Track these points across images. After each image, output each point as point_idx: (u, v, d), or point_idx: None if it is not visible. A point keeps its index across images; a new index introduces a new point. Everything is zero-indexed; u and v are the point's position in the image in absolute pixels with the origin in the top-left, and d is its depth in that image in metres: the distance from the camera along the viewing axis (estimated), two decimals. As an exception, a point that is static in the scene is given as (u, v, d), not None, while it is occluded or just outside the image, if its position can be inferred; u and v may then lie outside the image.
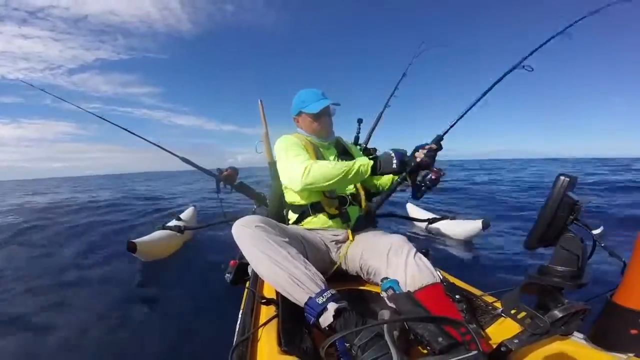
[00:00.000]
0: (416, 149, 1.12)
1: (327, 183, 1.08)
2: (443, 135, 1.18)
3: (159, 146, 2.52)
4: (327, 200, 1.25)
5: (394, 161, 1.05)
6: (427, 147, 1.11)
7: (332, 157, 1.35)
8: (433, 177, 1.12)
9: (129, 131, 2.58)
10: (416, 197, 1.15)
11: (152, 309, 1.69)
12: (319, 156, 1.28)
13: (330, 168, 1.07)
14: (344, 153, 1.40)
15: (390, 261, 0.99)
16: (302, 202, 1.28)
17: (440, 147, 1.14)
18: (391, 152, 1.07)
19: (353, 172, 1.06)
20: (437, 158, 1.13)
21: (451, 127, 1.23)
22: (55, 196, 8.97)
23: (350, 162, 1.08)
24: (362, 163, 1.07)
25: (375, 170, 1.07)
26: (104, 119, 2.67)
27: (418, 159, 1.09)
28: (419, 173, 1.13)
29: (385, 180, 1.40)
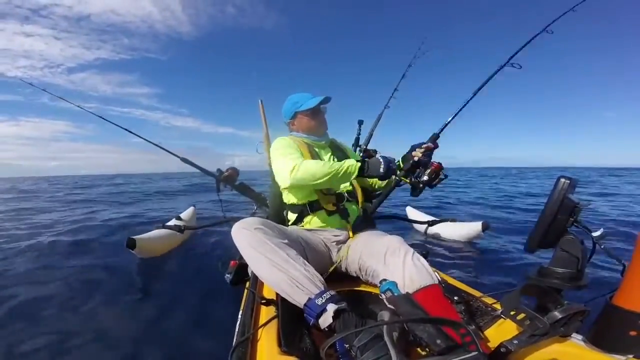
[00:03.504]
0: (412, 148, 1.16)
1: (315, 181, 1.10)
2: (439, 134, 1.22)
3: (159, 146, 2.52)
4: (324, 197, 1.26)
5: (382, 167, 1.08)
6: (424, 146, 1.13)
7: (327, 156, 1.37)
8: (433, 169, 1.09)
9: (129, 131, 2.59)
10: (413, 194, 1.17)
11: (152, 309, 1.69)
12: (315, 155, 1.30)
13: (320, 166, 1.10)
14: (339, 152, 1.42)
15: (388, 262, 0.99)
16: (300, 201, 1.28)
17: (436, 146, 1.17)
18: (380, 158, 1.10)
19: (342, 172, 1.09)
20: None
21: (446, 124, 1.27)
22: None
23: (340, 162, 1.10)
24: (350, 164, 1.10)
25: (363, 172, 1.10)
26: (105, 119, 2.67)
27: (416, 158, 1.11)
28: (415, 171, 1.14)
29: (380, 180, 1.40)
